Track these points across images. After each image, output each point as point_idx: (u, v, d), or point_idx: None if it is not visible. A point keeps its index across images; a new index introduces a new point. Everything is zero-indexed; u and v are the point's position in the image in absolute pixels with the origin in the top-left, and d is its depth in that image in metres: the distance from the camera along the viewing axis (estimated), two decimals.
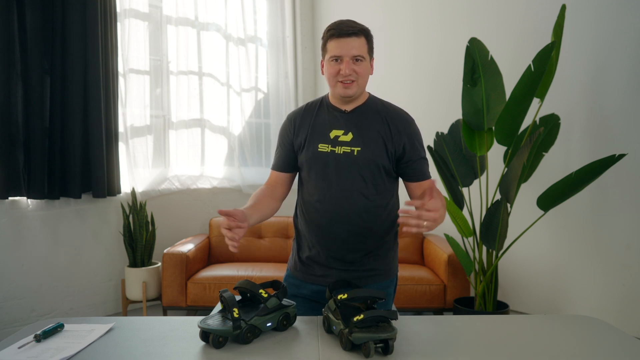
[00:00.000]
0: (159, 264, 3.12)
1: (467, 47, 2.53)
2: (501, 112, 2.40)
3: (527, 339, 1.15)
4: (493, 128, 2.52)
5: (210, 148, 3.80)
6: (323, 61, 1.41)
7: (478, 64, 2.51)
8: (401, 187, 1.48)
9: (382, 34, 3.81)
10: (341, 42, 1.32)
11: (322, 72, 1.43)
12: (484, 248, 2.81)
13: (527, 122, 2.59)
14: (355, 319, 1.04)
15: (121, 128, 3.21)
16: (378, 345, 1.03)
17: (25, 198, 2.78)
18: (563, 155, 2.79)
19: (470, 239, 2.77)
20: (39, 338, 1.09)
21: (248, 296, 1.23)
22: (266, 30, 4.21)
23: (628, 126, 2.53)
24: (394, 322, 1.14)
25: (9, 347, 1.06)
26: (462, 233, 2.64)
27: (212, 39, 3.79)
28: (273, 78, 4.24)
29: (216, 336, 1.06)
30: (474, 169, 2.76)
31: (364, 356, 1.02)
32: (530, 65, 2.28)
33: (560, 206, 2.50)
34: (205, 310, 2.94)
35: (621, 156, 2.23)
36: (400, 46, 3.77)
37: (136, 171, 3.33)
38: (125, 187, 3.24)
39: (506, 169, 2.47)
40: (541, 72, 2.26)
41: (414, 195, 1.43)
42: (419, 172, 1.42)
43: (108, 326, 1.20)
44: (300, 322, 1.25)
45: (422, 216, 1.12)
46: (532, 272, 3.01)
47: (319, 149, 1.40)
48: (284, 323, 1.19)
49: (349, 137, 1.39)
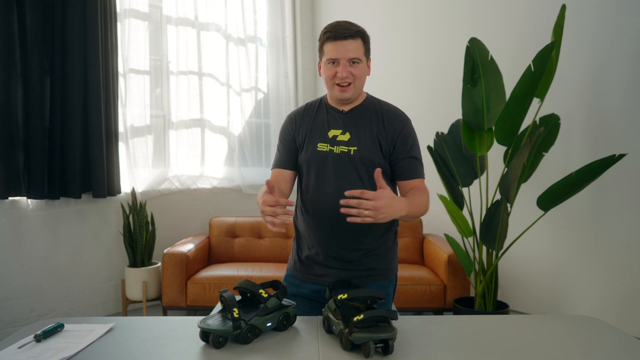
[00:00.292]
0: (159, 264, 3.12)
1: (467, 47, 2.53)
2: (501, 112, 2.40)
3: (527, 339, 1.15)
4: (493, 128, 2.52)
5: (210, 148, 3.80)
6: (320, 63, 1.42)
7: (478, 64, 2.51)
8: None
9: (382, 34, 3.82)
10: (338, 45, 1.33)
11: (320, 74, 1.43)
12: (484, 248, 2.81)
13: (527, 122, 2.59)
14: (355, 319, 1.04)
15: (121, 128, 3.21)
16: (378, 345, 1.03)
17: (25, 198, 2.78)
18: (563, 155, 2.79)
19: (470, 239, 2.77)
20: (39, 338, 1.09)
21: (248, 296, 1.23)
22: (266, 30, 4.21)
23: (628, 126, 2.53)
24: (394, 322, 1.14)
25: (9, 347, 1.06)
26: (462, 233, 2.64)
27: (212, 39, 3.79)
28: (273, 78, 4.24)
29: (216, 336, 1.06)
30: (474, 169, 2.76)
31: (364, 356, 1.02)
32: (530, 65, 2.28)
33: (560, 206, 2.50)
34: (205, 310, 2.94)
35: (621, 156, 2.23)
36: (400, 46, 3.77)
37: (136, 171, 3.33)
38: (125, 187, 3.24)
39: (506, 169, 2.47)
40: (541, 72, 2.26)
41: (403, 193, 1.42)
42: (408, 170, 1.40)
43: (108, 326, 1.20)
44: (300, 322, 1.25)
45: (362, 204, 1.13)
46: (532, 272, 3.01)
47: (318, 148, 1.41)
48: (284, 323, 1.19)
49: (347, 137, 1.40)
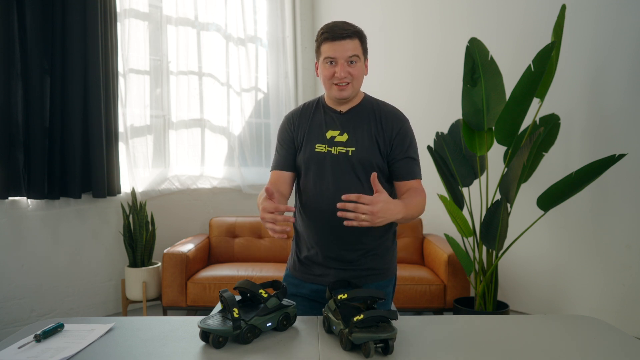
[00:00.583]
0: (159, 264, 3.12)
1: (467, 47, 2.53)
2: (501, 112, 2.39)
3: (527, 339, 1.15)
4: (493, 128, 2.52)
5: (210, 148, 3.80)
6: (317, 63, 1.41)
7: (478, 64, 2.51)
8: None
9: (382, 34, 3.82)
10: (335, 45, 1.33)
11: (317, 74, 1.43)
12: (484, 248, 2.81)
13: (527, 122, 2.59)
14: (355, 319, 1.04)
15: (121, 128, 3.21)
16: (378, 345, 1.03)
17: (25, 198, 2.78)
18: (563, 155, 2.79)
19: (470, 239, 2.77)
20: (39, 338, 1.09)
21: (248, 296, 1.23)
22: (266, 30, 4.21)
23: (628, 126, 2.53)
24: (394, 322, 1.14)
25: (9, 347, 1.06)
26: (462, 233, 2.64)
27: (212, 39, 3.79)
28: (273, 78, 4.24)
29: (216, 336, 1.06)
30: (474, 169, 2.76)
31: (364, 356, 1.02)
32: (530, 65, 2.28)
33: (560, 206, 2.50)
34: (205, 310, 2.94)
35: (621, 156, 2.23)
36: (400, 46, 3.77)
37: (136, 171, 3.33)
38: (125, 187, 3.24)
39: (506, 169, 2.47)
40: (541, 72, 2.26)
41: (400, 194, 1.43)
42: (405, 171, 1.40)
43: (108, 326, 1.20)
44: (300, 322, 1.25)
45: (358, 208, 1.13)
46: (532, 272, 3.01)
47: (316, 149, 1.41)
48: (284, 323, 1.19)
49: (345, 138, 1.39)
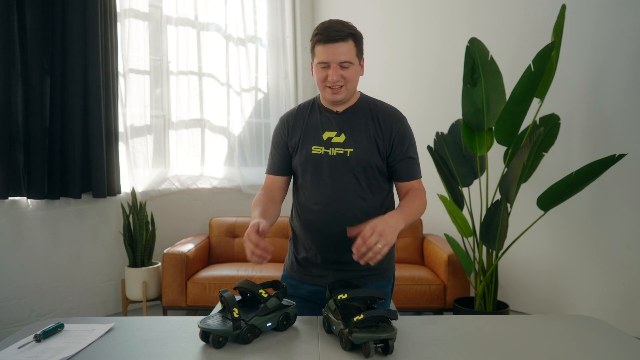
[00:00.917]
0: (159, 264, 3.12)
1: (467, 47, 2.52)
2: (501, 112, 2.39)
3: (527, 339, 1.15)
4: (493, 128, 2.51)
5: (210, 148, 3.81)
6: (312, 63, 1.39)
7: (478, 64, 2.51)
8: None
9: (382, 34, 3.82)
10: (328, 48, 1.30)
11: (312, 75, 1.42)
12: (484, 248, 2.81)
13: (527, 122, 2.59)
14: (355, 319, 1.04)
15: (121, 128, 3.22)
16: (378, 345, 1.03)
17: (25, 198, 2.78)
18: (563, 155, 2.79)
19: (470, 239, 2.77)
20: (39, 338, 1.09)
21: (248, 296, 1.23)
22: (266, 30, 4.21)
23: (628, 126, 2.53)
24: (394, 322, 1.14)
25: (9, 347, 1.06)
26: (462, 233, 2.64)
27: (212, 39, 3.79)
28: (273, 78, 4.24)
29: (216, 336, 1.06)
30: (474, 169, 2.76)
31: (364, 356, 1.02)
32: (530, 65, 2.28)
33: (560, 206, 2.50)
34: (205, 310, 2.94)
35: (621, 156, 2.23)
36: (400, 46, 3.77)
37: (136, 171, 3.33)
38: (125, 187, 3.24)
39: (506, 169, 2.47)
40: (541, 72, 2.26)
41: (400, 194, 1.44)
42: (405, 172, 1.41)
43: (108, 326, 1.20)
44: (300, 322, 1.25)
45: (367, 242, 1.12)
46: (532, 272, 3.01)
47: (313, 152, 1.39)
48: (284, 323, 1.19)
49: (342, 139, 1.38)
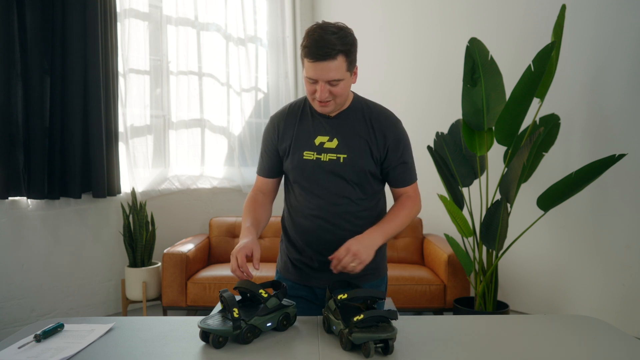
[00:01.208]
0: (159, 264, 3.12)
1: (467, 47, 2.52)
2: (501, 112, 2.39)
3: (527, 339, 1.15)
4: (493, 128, 2.52)
5: (210, 148, 3.80)
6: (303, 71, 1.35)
7: (478, 64, 2.51)
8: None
9: (382, 34, 3.82)
10: (317, 66, 1.22)
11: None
12: (484, 248, 2.81)
13: (527, 122, 2.59)
14: (355, 319, 1.04)
15: (121, 128, 3.21)
16: (378, 345, 1.03)
17: (25, 198, 2.78)
18: (563, 155, 2.79)
19: (470, 239, 2.77)
20: (39, 338, 1.09)
21: (248, 296, 1.23)
22: (266, 30, 4.21)
23: (628, 126, 2.53)
24: (394, 322, 1.14)
25: (9, 347, 1.06)
26: (462, 233, 2.64)
27: (212, 39, 3.79)
28: (273, 78, 4.24)
29: (216, 336, 1.06)
30: (474, 169, 2.76)
31: (364, 356, 1.02)
32: (530, 65, 2.28)
33: (560, 206, 2.50)
34: (205, 310, 2.94)
35: (621, 156, 2.23)
36: (400, 46, 3.76)
37: (136, 171, 3.33)
38: (125, 187, 3.24)
39: (506, 169, 2.47)
40: (541, 72, 2.26)
41: (394, 197, 1.45)
42: (399, 179, 1.41)
43: (108, 326, 1.20)
44: (300, 322, 1.25)
45: (343, 262, 1.22)
46: (532, 272, 3.01)
47: (304, 157, 1.37)
48: (284, 323, 1.19)
49: (334, 144, 1.35)
